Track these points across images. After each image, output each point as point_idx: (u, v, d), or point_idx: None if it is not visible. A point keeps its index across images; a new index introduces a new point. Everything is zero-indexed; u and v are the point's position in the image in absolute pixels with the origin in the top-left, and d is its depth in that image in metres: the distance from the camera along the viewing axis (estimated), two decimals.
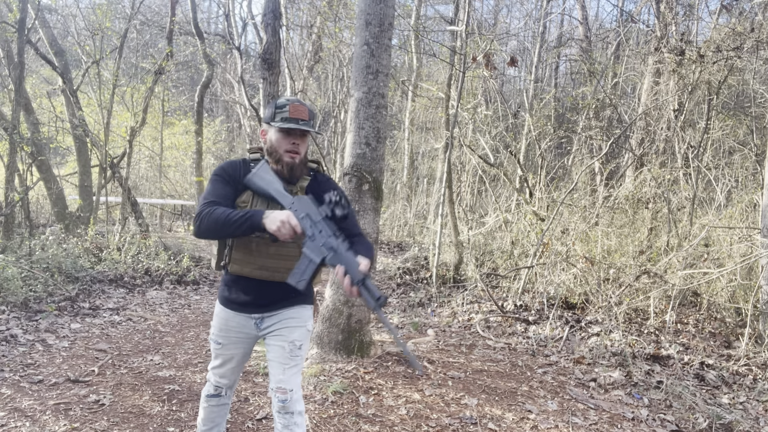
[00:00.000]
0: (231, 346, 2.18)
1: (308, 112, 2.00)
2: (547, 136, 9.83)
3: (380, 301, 1.73)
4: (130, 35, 11.47)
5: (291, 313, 2.13)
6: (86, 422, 2.96)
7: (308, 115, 1.99)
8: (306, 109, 2.00)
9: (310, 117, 2.01)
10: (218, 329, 2.19)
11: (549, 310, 5.74)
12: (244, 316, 2.13)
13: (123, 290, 6.23)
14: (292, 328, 2.12)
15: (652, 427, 3.39)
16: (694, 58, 6.77)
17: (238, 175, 2.04)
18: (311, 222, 1.85)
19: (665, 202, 6.79)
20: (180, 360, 4.15)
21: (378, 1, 4.06)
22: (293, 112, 1.96)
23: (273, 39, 6.40)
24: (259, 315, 2.12)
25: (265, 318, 2.13)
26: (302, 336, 2.14)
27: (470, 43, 8.31)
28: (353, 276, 1.75)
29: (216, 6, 22.68)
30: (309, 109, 2.02)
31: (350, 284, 1.75)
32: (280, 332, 2.11)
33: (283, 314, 2.12)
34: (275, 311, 2.12)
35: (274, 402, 2.10)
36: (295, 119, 1.95)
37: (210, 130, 18.11)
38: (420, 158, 15.12)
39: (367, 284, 1.75)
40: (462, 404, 3.53)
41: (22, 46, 6.69)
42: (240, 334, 2.16)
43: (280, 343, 2.09)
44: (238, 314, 2.13)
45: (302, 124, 1.96)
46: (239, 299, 2.11)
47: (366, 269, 1.76)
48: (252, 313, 2.12)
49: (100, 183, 8.95)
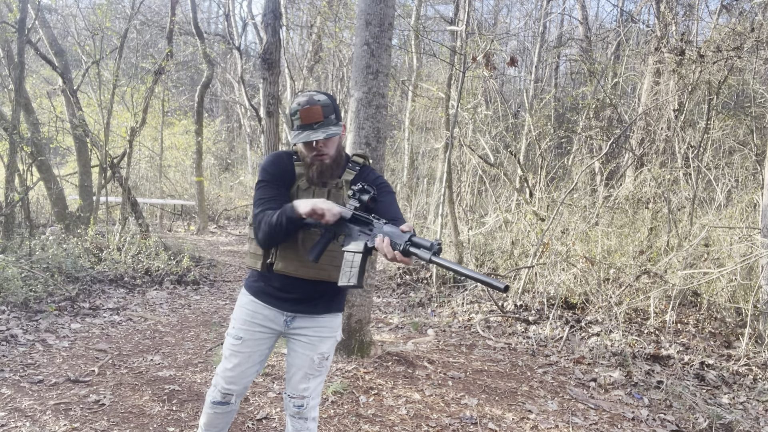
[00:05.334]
0: (252, 343, 2.03)
1: (322, 109, 1.84)
2: (547, 136, 9.83)
3: (434, 247, 1.59)
4: (130, 35, 11.48)
5: (324, 321, 2.03)
6: (86, 422, 2.96)
7: (323, 113, 1.84)
8: (319, 108, 1.84)
9: (326, 113, 1.85)
10: (242, 322, 2.04)
11: (549, 310, 5.74)
12: (276, 311, 2.02)
13: (123, 290, 6.23)
14: (324, 339, 2.04)
15: (652, 427, 3.39)
16: (694, 58, 6.77)
17: (283, 168, 1.96)
18: (346, 223, 1.79)
19: (665, 202, 6.79)
20: (180, 360, 4.15)
21: (378, 1, 4.06)
22: (305, 118, 1.83)
23: (273, 39, 6.41)
24: (293, 314, 2.02)
25: (297, 318, 2.03)
26: (331, 347, 2.07)
27: (470, 43, 8.31)
28: (396, 240, 1.64)
29: (216, 6, 22.69)
30: (323, 105, 1.85)
31: (395, 250, 1.63)
32: (310, 340, 2.02)
33: (317, 320, 2.03)
34: (310, 314, 2.02)
35: (289, 406, 2.07)
36: (308, 125, 1.83)
37: (210, 130, 18.12)
38: (420, 158, 15.12)
39: (414, 240, 1.64)
40: (462, 404, 3.53)
41: (22, 46, 6.69)
42: (265, 330, 2.04)
43: (309, 352, 2.02)
44: (269, 308, 2.02)
45: (318, 128, 1.83)
46: (275, 293, 2.00)
47: (408, 227, 1.65)
48: (286, 310, 2.01)
49: (100, 183, 8.95)
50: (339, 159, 1.95)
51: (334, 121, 1.86)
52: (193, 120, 12.97)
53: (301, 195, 1.93)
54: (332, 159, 1.91)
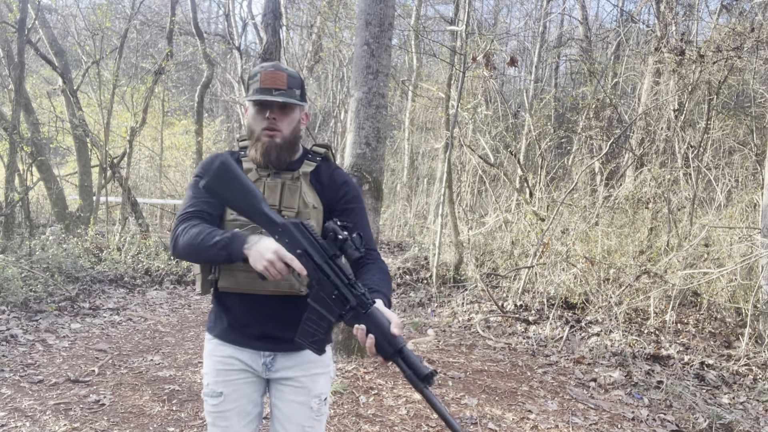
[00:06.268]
0: (237, 395, 1.62)
1: (287, 78, 1.56)
2: (547, 136, 9.83)
3: (428, 378, 1.28)
4: (130, 35, 11.47)
5: (311, 355, 1.61)
6: (86, 422, 2.96)
7: (287, 83, 1.55)
8: (284, 75, 1.55)
9: (291, 85, 1.56)
10: (215, 374, 1.63)
11: (549, 310, 5.74)
12: (251, 352, 1.62)
13: (123, 290, 6.23)
14: (316, 377, 1.65)
15: (652, 427, 3.39)
16: (694, 58, 6.77)
17: None
18: (313, 264, 1.39)
19: (665, 202, 6.79)
20: (180, 360, 4.15)
21: (378, 1, 4.06)
22: (266, 81, 1.53)
23: (273, 39, 6.41)
24: (271, 353, 1.62)
25: (278, 357, 1.63)
26: (327, 384, 1.70)
27: (470, 43, 8.31)
28: (385, 347, 1.31)
29: (216, 6, 22.67)
30: (290, 75, 1.57)
31: (380, 355, 1.32)
32: (300, 383, 1.63)
33: (302, 356, 1.63)
34: (291, 349, 1.61)
35: None
36: (267, 89, 1.53)
37: (210, 130, 18.11)
38: (420, 158, 15.12)
39: (405, 355, 1.30)
40: (462, 404, 3.53)
41: (22, 46, 6.69)
42: (248, 375, 1.64)
43: (302, 398, 1.63)
44: (241, 349, 1.62)
45: (277, 95, 1.53)
46: (242, 329, 1.61)
47: (400, 331, 1.31)
48: (261, 348, 1.62)
49: (100, 183, 8.95)
50: (293, 144, 1.62)
51: (297, 96, 1.58)
52: (193, 120, 12.96)
53: None
54: (284, 140, 1.58)
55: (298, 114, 1.62)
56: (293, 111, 1.60)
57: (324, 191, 1.63)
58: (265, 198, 1.50)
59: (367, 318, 1.33)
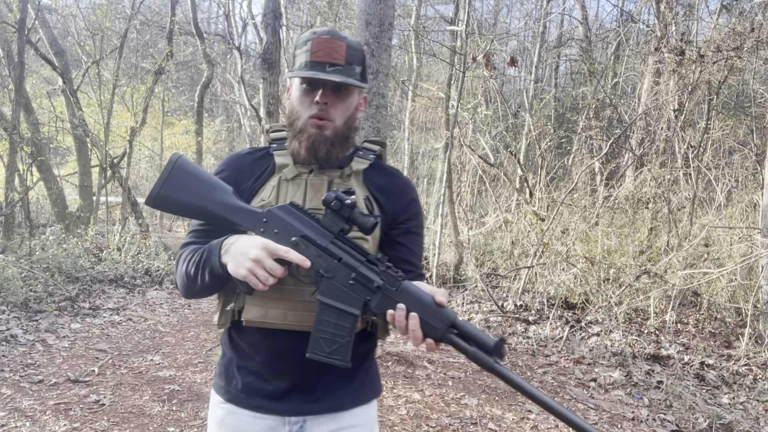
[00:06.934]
0: None
1: (347, 49, 1.17)
2: (547, 136, 9.83)
3: (498, 349, 1.02)
4: (130, 35, 11.47)
5: (354, 418, 1.24)
6: (86, 422, 2.96)
7: (346, 56, 1.17)
8: (342, 46, 1.16)
9: (351, 59, 1.18)
10: None
11: (549, 310, 5.74)
12: (273, 419, 1.21)
13: (123, 290, 6.23)
14: None
15: (652, 427, 3.39)
16: (694, 58, 6.77)
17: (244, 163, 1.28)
18: (316, 249, 1.09)
19: (665, 202, 6.79)
20: (180, 360, 4.15)
21: (378, 1, 4.06)
22: (318, 52, 1.15)
23: (273, 39, 6.41)
24: (300, 416, 1.21)
25: (309, 422, 1.22)
26: None
27: (470, 43, 8.31)
28: (435, 325, 1.03)
29: (216, 6, 22.67)
30: (350, 45, 1.18)
31: (428, 338, 1.04)
32: None
33: (344, 419, 1.23)
34: (330, 410, 1.22)
35: None
36: (320, 63, 1.15)
37: (210, 130, 18.11)
38: (420, 158, 15.12)
39: (462, 327, 1.04)
40: (462, 404, 3.53)
41: (22, 46, 6.69)
42: None
43: None
44: (260, 416, 1.21)
45: (332, 72, 1.15)
46: (264, 385, 1.21)
47: (446, 301, 1.05)
48: (289, 412, 1.21)
49: (100, 183, 8.96)
50: (346, 138, 1.24)
51: (357, 75, 1.20)
52: (193, 120, 12.96)
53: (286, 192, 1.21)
54: (336, 133, 1.21)
55: (356, 98, 1.25)
56: (350, 95, 1.23)
57: (385, 199, 1.28)
58: (307, 200, 1.20)
59: (402, 295, 1.05)
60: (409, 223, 1.29)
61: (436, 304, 1.04)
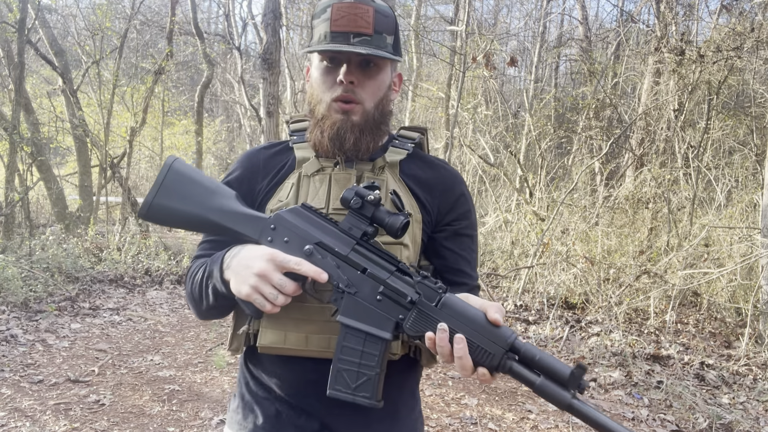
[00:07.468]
0: None
1: (375, 15, 0.97)
2: (547, 136, 9.83)
3: (575, 380, 0.82)
4: (130, 35, 11.48)
5: None
6: (86, 422, 2.96)
7: (373, 23, 0.96)
8: (369, 10, 0.96)
9: (381, 27, 0.98)
10: None
11: (549, 310, 5.74)
12: None
13: (123, 290, 6.24)
14: None
15: (652, 427, 3.39)
16: (694, 58, 6.77)
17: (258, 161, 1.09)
18: (335, 258, 0.90)
19: (665, 202, 6.79)
20: (180, 360, 4.15)
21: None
22: (339, 20, 0.96)
23: (273, 39, 6.41)
24: None
25: None
26: None
27: (470, 43, 8.31)
28: (489, 349, 0.83)
29: (216, 6, 22.66)
30: (378, 10, 0.98)
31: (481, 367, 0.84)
32: None
33: None
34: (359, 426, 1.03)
35: None
36: (343, 33, 0.96)
37: (210, 130, 18.12)
38: None
39: (524, 351, 0.83)
40: (462, 404, 3.53)
41: (22, 46, 6.69)
42: None
43: None
44: None
45: (358, 43, 0.96)
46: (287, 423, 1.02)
47: (503, 318, 0.83)
48: None
49: (100, 183, 8.96)
50: (379, 124, 1.03)
51: (389, 46, 0.99)
52: (193, 120, 12.97)
53: (307, 189, 1.02)
54: (366, 118, 1.00)
55: (388, 75, 1.04)
56: (381, 71, 1.01)
57: (428, 195, 1.06)
58: (331, 199, 1.00)
59: (444, 312, 0.84)
60: (459, 224, 1.07)
61: (489, 322, 0.82)
